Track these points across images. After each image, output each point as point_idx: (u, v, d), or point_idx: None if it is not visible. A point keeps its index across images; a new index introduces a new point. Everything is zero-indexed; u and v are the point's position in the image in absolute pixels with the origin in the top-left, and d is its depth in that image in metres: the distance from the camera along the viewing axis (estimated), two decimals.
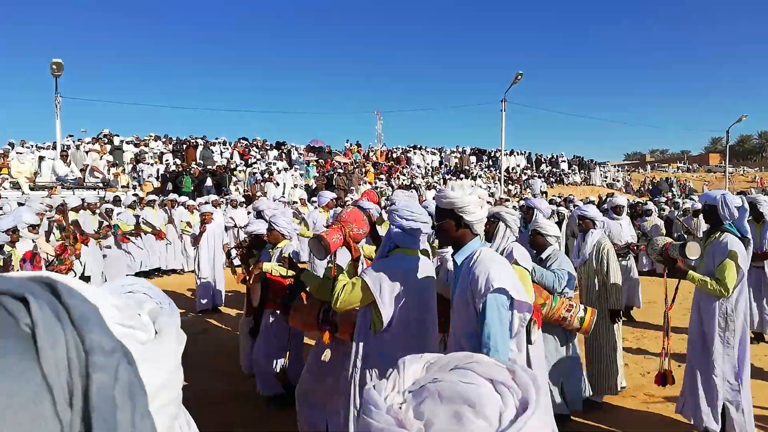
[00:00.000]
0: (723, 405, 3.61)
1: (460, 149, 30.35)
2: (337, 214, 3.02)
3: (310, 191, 18.03)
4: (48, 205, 8.71)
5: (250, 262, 4.87)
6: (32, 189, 12.41)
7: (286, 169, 19.67)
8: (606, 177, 33.01)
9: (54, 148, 15.62)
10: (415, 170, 25.75)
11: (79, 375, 0.35)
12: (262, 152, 22.96)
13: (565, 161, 31.90)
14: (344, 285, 2.57)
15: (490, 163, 29.52)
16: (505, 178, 23.44)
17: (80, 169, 14.41)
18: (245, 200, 13.72)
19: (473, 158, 29.60)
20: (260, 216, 5.30)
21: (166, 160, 18.58)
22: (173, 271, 11.41)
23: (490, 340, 2.06)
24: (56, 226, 7.92)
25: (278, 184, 17.59)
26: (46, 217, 7.62)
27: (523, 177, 26.77)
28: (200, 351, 5.99)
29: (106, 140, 19.50)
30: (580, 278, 4.73)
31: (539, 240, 4.12)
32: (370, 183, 20.11)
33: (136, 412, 0.38)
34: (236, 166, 19.82)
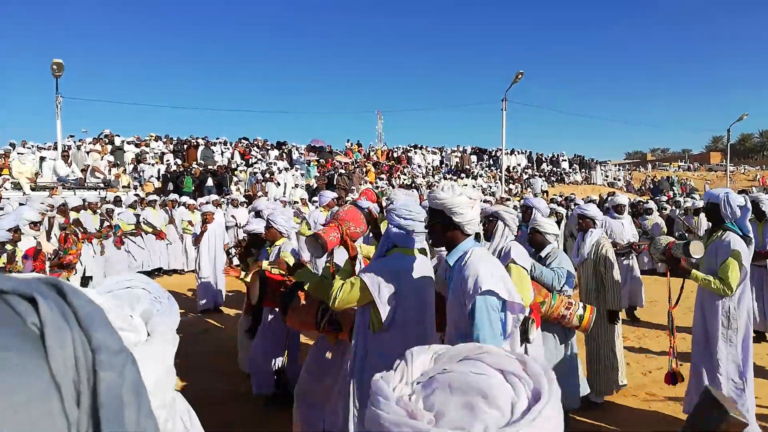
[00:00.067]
0: None
1: (460, 149, 30.33)
2: (335, 212, 3.01)
3: (311, 191, 18.03)
4: (49, 205, 8.71)
5: (249, 261, 4.87)
6: (33, 189, 12.42)
7: (286, 169, 19.68)
8: (607, 176, 32.98)
9: (55, 148, 15.63)
10: (416, 170, 25.75)
11: (86, 374, 0.35)
12: (262, 152, 22.96)
13: (566, 160, 31.86)
14: (342, 284, 2.55)
15: (491, 162, 29.51)
16: (506, 178, 23.44)
17: (81, 170, 14.43)
18: (246, 200, 13.72)
19: (474, 158, 29.58)
20: (259, 216, 5.30)
21: (167, 161, 18.58)
22: (174, 271, 11.42)
23: (480, 337, 2.04)
24: (59, 226, 7.93)
25: (279, 184, 17.60)
26: (47, 216, 7.62)
27: (524, 176, 26.76)
28: (200, 351, 5.99)
29: (107, 140, 19.50)
30: (579, 278, 4.73)
31: (538, 238, 4.12)
32: (370, 183, 20.11)
33: (141, 411, 0.38)
34: (237, 166, 19.82)
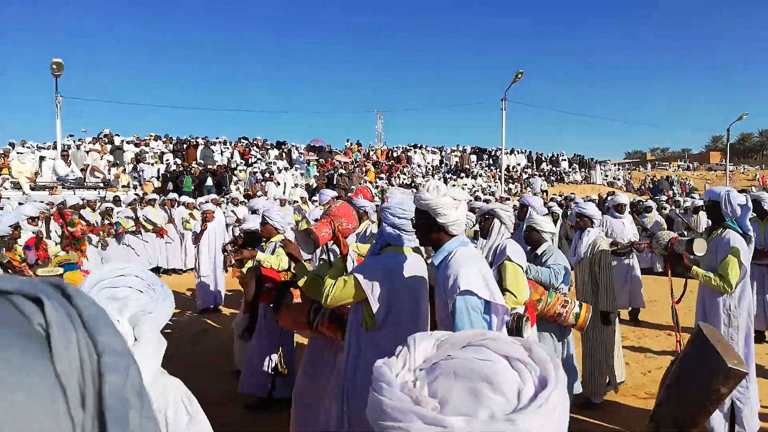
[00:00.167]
0: (731, 404, 3.59)
1: (460, 148, 30.35)
2: (327, 208, 3.00)
3: (311, 191, 18.03)
4: (49, 203, 8.73)
5: (244, 261, 4.84)
6: (33, 189, 12.41)
7: (286, 169, 19.69)
8: (606, 175, 33.00)
9: (54, 148, 15.62)
10: (416, 169, 25.76)
11: (91, 376, 0.35)
12: (262, 152, 22.97)
13: (565, 160, 31.89)
14: (335, 282, 2.54)
15: (491, 161, 29.52)
16: (506, 177, 23.44)
17: (81, 169, 14.42)
18: (246, 200, 13.72)
19: (474, 157, 29.60)
20: (255, 214, 5.28)
21: (167, 160, 18.58)
22: (173, 271, 11.42)
23: None
24: (60, 224, 7.94)
25: (279, 183, 17.60)
26: (46, 215, 7.63)
27: (524, 176, 26.78)
28: (200, 351, 5.99)
29: (107, 140, 19.50)
30: (576, 276, 4.71)
31: (534, 236, 4.10)
32: (370, 182, 20.11)
33: (144, 413, 0.38)
34: (237, 165, 19.82)
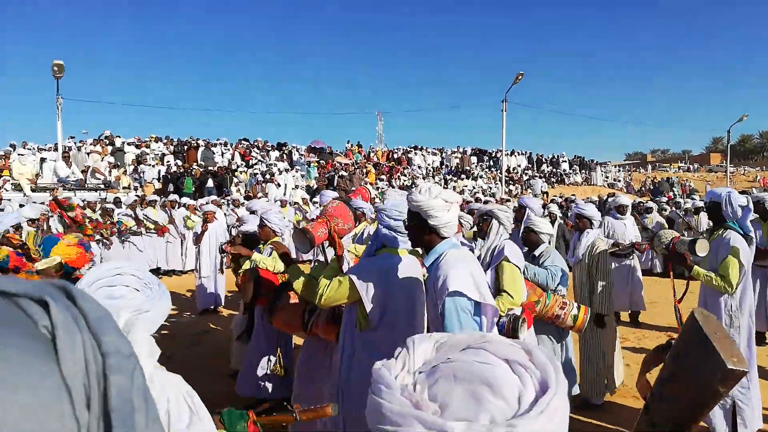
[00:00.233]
0: (733, 404, 3.59)
1: (461, 149, 30.35)
2: (324, 208, 3.00)
3: (311, 192, 18.04)
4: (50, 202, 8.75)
5: (241, 262, 4.83)
6: (34, 190, 12.43)
7: (287, 170, 19.69)
8: (607, 177, 32.99)
9: (55, 149, 15.64)
10: (416, 171, 25.75)
11: (96, 377, 0.35)
12: (263, 153, 22.97)
13: (566, 161, 31.89)
14: (329, 282, 2.52)
15: (491, 163, 29.52)
16: (506, 179, 23.45)
17: (81, 171, 14.44)
18: (247, 201, 13.72)
19: (474, 158, 29.60)
20: (254, 215, 5.27)
21: (168, 162, 18.58)
22: (173, 272, 11.43)
23: None
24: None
25: (279, 185, 17.61)
26: (47, 217, 7.65)
27: (524, 177, 26.78)
28: (199, 352, 5.98)
29: (108, 142, 19.49)
30: (574, 278, 4.69)
31: (532, 237, 4.08)
32: (371, 183, 20.12)
33: (149, 416, 0.38)
34: (237, 167, 19.82)
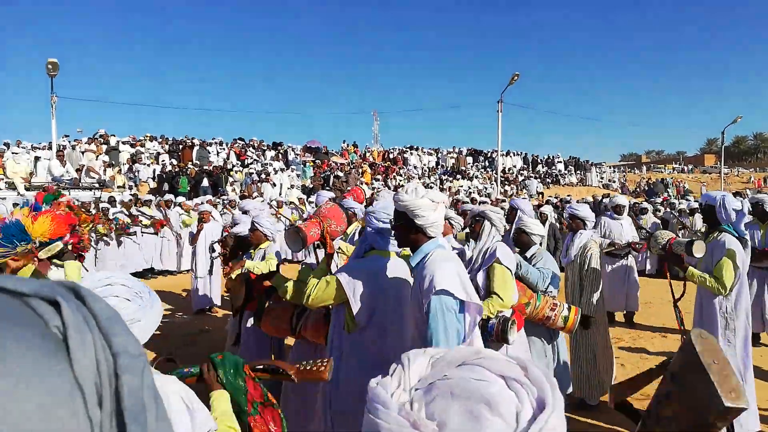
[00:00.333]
0: None
1: (456, 150, 30.41)
2: (317, 208, 2.99)
3: (307, 192, 18.02)
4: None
5: (232, 263, 4.79)
6: (28, 189, 12.35)
7: (282, 170, 19.66)
8: (602, 178, 33.11)
9: (50, 148, 15.54)
10: (412, 171, 25.78)
11: (108, 377, 0.36)
12: (258, 153, 22.93)
13: (561, 162, 32.02)
14: (317, 282, 2.52)
15: (487, 163, 29.59)
16: (502, 179, 23.50)
17: (76, 170, 14.36)
18: (241, 201, 13.70)
19: (470, 159, 29.67)
20: (246, 215, 5.24)
21: (163, 161, 18.52)
22: (168, 272, 11.39)
23: (432, 342, 2.03)
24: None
25: (275, 184, 17.59)
26: None
27: (520, 178, 26.84)
28: (193, 353, 5.96)
29: (102, 140, 19.40)
30: (566, 278, 4.67)
31: (524, 239, 4.05)
32: (366, 183, 20.12)
33: (159, 414, 0.39)
34: (233, 166, 19.79)
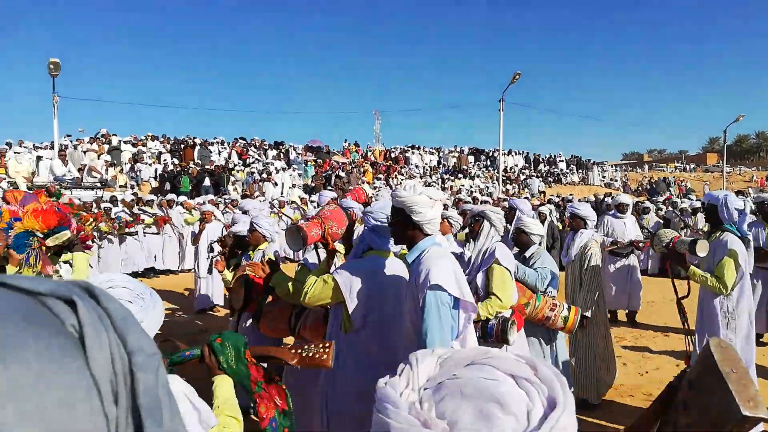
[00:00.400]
0: None
1: (458, 149, 30.41)
2: (320, 209, 2.99)
3: (309, 191, 18.04)
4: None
5: (231, 263, 4.81)
6: (30, 189, 12.38)
7: (284, 169, 19.68)
8: (604, 177, 33.07)
9: (52, 147, 15.58)
10: (414, 170, 25.78)
11: (123, 375, 0.37)
12: (260, 152, 22.95)
13: (563, 161, 31.99)
14: (315, 281, 2.51)
15: (489, 162, 29.58)
16: (503, 178, 23.49)
17: (78, 169, 14.39)
18: (241, 200, 13.72)
19: (471, 158, 29.66)
20: (246, 215, 5.26)
21: (164, 160, 18.55)
22: (170, 271, 11.41)
23: (427, 336, 2.03)
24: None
25: (276, 184, 17.61)
26: None
27: (521, 177, 26.83)
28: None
29: (104, 140, 19.44)
30: (566, 278, 4.66)
31: (523, 238, 4.03)
32: (368, 183, 20.12)
33: (173, 411, 0.39)
34: (234, 166, 19.81)
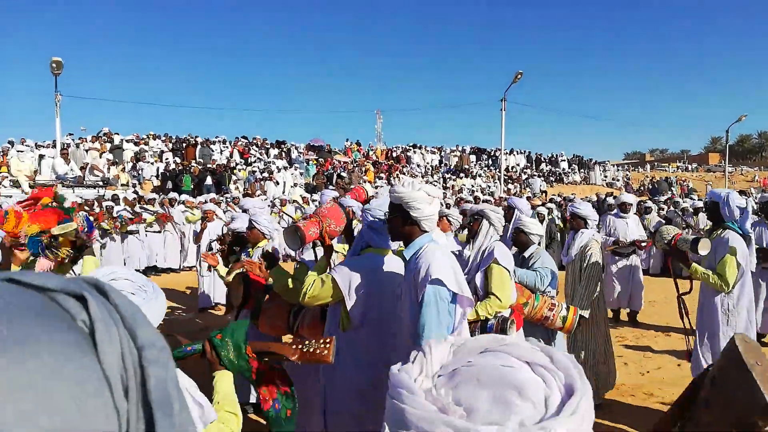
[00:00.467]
0: None
1: (460, 148, 30.38)
2: (317, 207, 2.99)
3: (310, 190, 18.05)
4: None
5: (231, 260, 4.82)
6: (32, 187, 12.40)
7: (285, 168, 19.70)
8: (606, 176, 33.03)
9: (54, 146, 15.61)
10: (415, 169, 25.77)
11: (133, 369, 0.37)
12: (261, 151, 22.97)
13: (564, 160, 31.94)
14: (314, 280, 2.51)
15: (490, 162, 29.56)
16: (505, 178, 23.47)
17: (80, 168, 14.42)
18: (242, 199, 13.74)
19: (473, 157, 29.64)
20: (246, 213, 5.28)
21: (166, 159, 18.57)
22: (171, 270, 11.44)
23: (423, 330, 2.03)
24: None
25: (278, 182, 17.62)
26: None
27: (523, 176, 26.81)
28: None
29: (106, 139, 19.47)
30: (566, 277, 4.65)
31: (522, 238, 4.02)
32: (369, 182, 20.12)
33: (182, 404, 0.40)
34: (236, 164, 19.82)
